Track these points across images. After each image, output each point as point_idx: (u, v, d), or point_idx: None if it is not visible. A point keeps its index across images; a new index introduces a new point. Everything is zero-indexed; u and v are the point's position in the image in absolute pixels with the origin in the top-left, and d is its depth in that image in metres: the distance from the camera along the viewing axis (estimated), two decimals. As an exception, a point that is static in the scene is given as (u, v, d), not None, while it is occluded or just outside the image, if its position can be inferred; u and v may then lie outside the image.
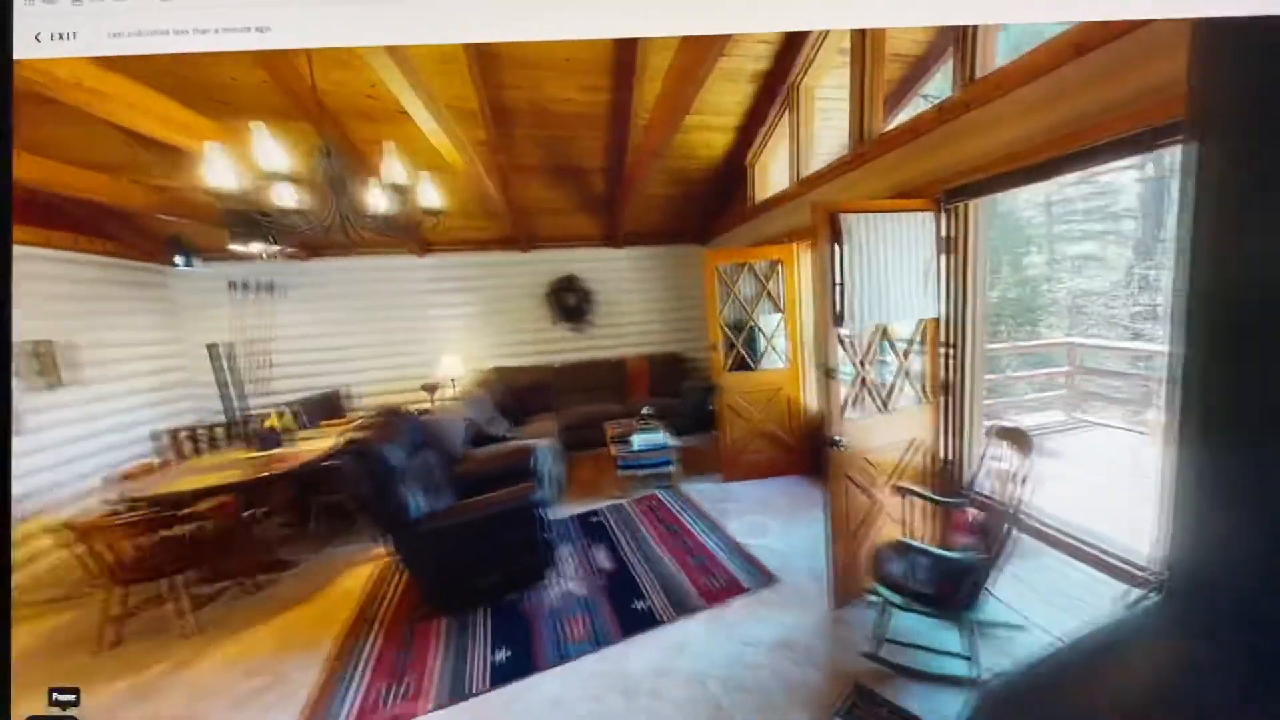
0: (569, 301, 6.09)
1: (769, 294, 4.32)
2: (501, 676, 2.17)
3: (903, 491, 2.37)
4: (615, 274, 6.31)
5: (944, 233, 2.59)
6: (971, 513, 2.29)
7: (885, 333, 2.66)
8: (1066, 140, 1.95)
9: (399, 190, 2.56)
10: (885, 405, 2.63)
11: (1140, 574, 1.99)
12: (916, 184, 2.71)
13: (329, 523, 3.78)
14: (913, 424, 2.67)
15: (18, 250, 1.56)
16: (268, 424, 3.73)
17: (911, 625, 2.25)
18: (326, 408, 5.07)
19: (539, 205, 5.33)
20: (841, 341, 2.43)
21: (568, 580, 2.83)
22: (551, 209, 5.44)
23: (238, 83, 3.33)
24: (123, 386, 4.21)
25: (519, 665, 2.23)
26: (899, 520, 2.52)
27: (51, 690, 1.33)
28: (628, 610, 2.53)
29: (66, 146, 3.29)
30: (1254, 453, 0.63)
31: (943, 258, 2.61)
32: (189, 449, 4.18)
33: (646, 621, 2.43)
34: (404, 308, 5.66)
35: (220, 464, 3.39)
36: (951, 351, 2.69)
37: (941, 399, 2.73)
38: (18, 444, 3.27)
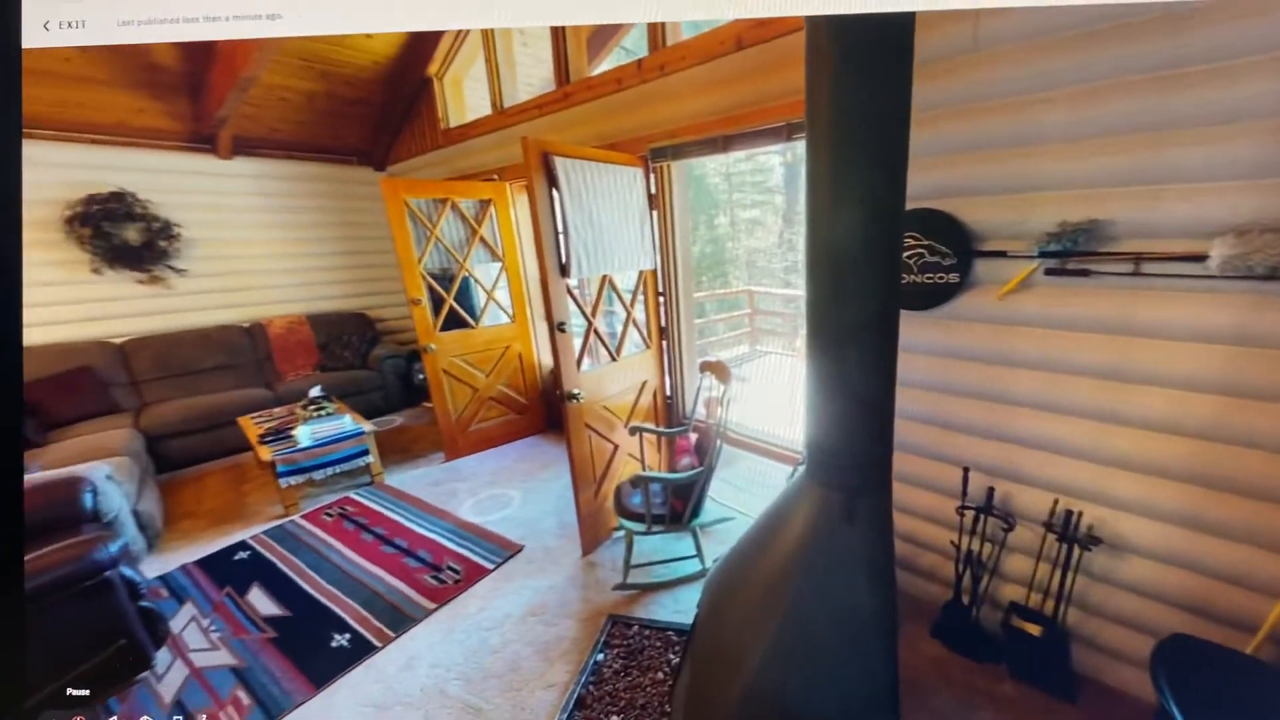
0: (125, 235, 4.13)
1: (483, 240, 4.04)
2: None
3: (636, 430, 2.82)
4: (220, 196, 4.61)
5: (652, 190, 3.06)
6: (692, 436, 2.89)
7: (611, 283, 3.03)
8: (732, 121, 2.51)
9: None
10: (617, 354, 3.04)
11: (798, 455, 2.85)
12: (623, 138, 3.11)
13: None
14: (641, 368, 3.17)
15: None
16: None
17: (652, 546, 2.75)
18: None
19: (38, 65, 3.60)
20: (570, 293, 2.67)
21: (200, 653, 2.29)
22: (69, 74, 3.68)
23: None
24: None
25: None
26: (636, 457, 2.99)
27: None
28: (321, 653, 2.24)
29: None
30: (840, 358, 1.11)
31: (654, 213, 3.09)
32: None
33: (352, 656, 2.21)
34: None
35: None
36: (666, 299, 3.24)
37: (663, 342, 3.29)
38: None
